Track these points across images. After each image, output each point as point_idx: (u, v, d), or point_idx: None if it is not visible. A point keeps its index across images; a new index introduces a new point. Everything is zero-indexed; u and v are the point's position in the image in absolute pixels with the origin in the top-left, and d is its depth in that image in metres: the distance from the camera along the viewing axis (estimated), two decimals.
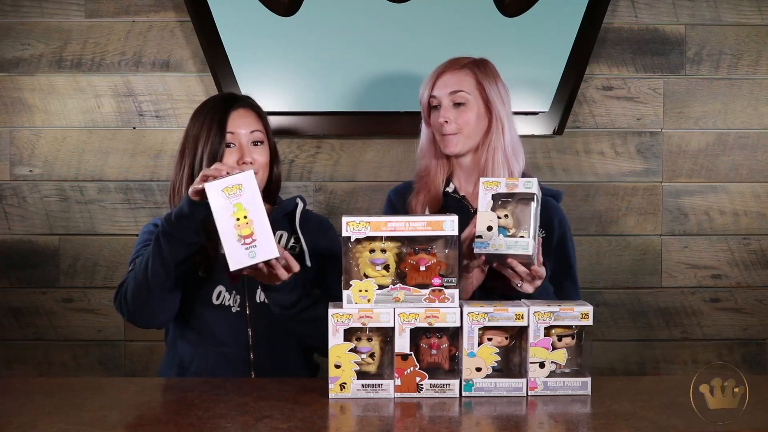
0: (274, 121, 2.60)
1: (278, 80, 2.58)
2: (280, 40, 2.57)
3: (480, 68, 2.13)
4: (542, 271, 1.90)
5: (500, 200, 1.85)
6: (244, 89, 2.56)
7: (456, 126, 2.09)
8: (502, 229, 1.84)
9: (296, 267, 1.86)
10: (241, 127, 2.03)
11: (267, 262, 1.78)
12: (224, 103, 2.07)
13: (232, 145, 2.03)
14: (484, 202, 1.83)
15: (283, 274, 1.84)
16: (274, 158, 2.11)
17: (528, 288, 1.90)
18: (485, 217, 1.83)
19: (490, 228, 1.83)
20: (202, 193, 1.77)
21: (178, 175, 2.04)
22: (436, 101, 2.12)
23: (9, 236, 2.66)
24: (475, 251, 1.84)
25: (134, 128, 2.66)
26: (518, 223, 1.84)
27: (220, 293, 2.03)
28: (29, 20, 2.63)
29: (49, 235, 2.66)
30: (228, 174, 1.78)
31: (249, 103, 2.10)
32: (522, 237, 1.83)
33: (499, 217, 1.84)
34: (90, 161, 2.66)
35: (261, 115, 2.10)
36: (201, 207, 1.81)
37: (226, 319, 2.02)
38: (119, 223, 2.66)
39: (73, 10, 2.63)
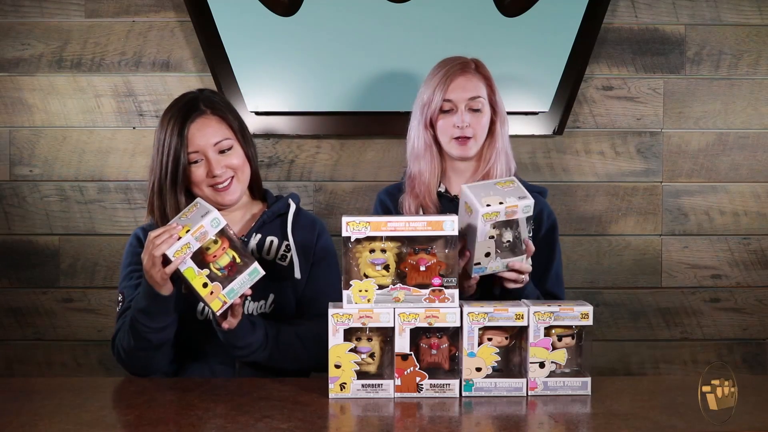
0: (274, 121, 2.61)
1: (278, 80, 2.58)
2: (280, 40, 2.57)
3: (486, 71, 2.17)
4: (526, 266, 1.94)
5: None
6: (244, 89, 2.56)
7: (473, 130, 2.11)
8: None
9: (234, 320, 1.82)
10: (202, 139, 1.91)
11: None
12: (182, 116, 1.92)
13: (198, 160, 1.92)
14: (483, 233, 1.83)
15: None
16: (251, 153, 1.99)
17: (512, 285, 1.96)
18: (483, 245, 1.85)
19: (488, 254, 1.87)
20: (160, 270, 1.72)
21: (150, 182, 1.95)
22: (450, 105, 2.12)
23: (9, 236, 2.66)
24: (473, 275, 1.89)
25: (134, 128, 2.65)
26: (503, 224, 1.86)
27: (204, 308, 1.95)
28: (29, 20, 2.63)
29: (49, 235, 2.66)
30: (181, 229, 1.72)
31: (210, 107, 1.95)
32: (513, 251, 1.89)
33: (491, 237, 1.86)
34: (90, 161, 2.65)
35: (224, 117, 1.95)
36: (162, 298, 1.78)
37: (212, 334, 1.91)
38: (119, 223, 2.66)
39: (73, 10, 2.63)
